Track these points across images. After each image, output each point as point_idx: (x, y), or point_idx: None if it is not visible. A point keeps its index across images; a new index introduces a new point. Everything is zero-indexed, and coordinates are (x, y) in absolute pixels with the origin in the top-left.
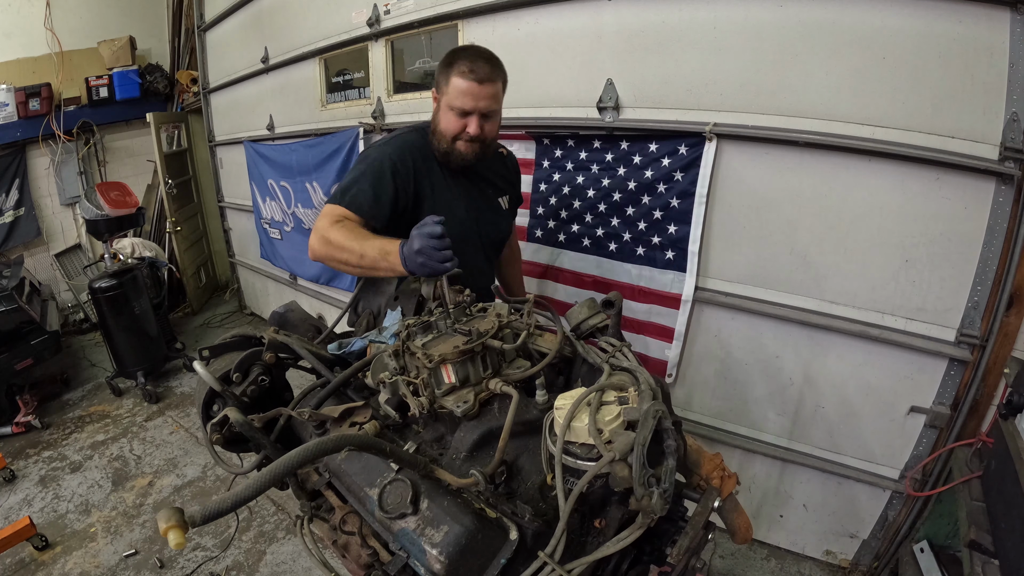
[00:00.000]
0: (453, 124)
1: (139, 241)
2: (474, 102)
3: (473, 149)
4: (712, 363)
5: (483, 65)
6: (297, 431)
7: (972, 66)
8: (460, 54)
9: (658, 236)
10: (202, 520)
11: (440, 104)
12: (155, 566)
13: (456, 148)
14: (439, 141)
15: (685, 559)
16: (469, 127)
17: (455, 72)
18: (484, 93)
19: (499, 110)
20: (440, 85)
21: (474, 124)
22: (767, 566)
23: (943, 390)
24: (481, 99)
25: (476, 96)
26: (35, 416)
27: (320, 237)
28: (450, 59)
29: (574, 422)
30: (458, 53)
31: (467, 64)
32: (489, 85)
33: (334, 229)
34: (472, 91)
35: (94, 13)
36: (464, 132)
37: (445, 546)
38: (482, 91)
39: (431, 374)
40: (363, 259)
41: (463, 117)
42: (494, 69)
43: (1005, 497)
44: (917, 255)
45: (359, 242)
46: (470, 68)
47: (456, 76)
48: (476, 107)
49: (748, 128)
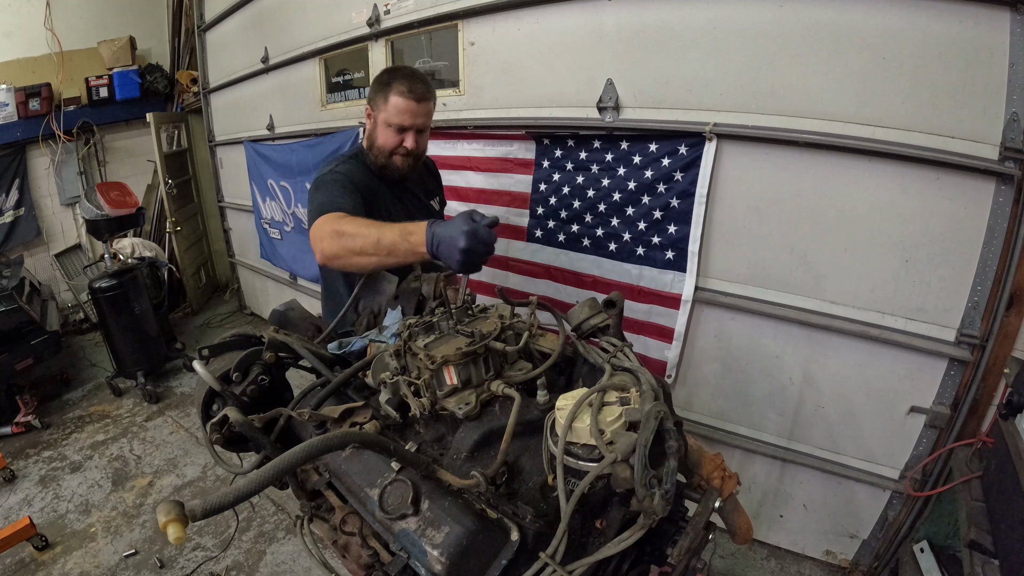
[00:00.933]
0: (391, 139)
1: (139, 241)
2: (412, 119)
3: (407, 163)
4: (712, 363)
5: (419, 85)
6: (297, 431)
7: (972, 66)
8: (396, 74)
9: (658, 236)
10: (203, 514)
11: (376, 120)
12: (155, 566)
13: (392, 162)
14: (376, 156)
15: (686, 559)
16: (406, 142)
17: (394, 91)
18: (421, 111)
19: (429, 125)
20: (377, 103)
21: (411, 139)
22: (767, 566)
23: (943, 390)
24: (419, 116)
25: (414, 113)
26: (35, 416)
27: (331, 231)
28: (387, 79)
29: (576, 423)
30: (394, 73)
31: (405, 84)
32: (424, 103)
33: (343, 221)
34: (411, 109)
35: (94, 13)
36: (401, 147)
37: (446, 547)
38: (419, 109)
39: (433, 375)
40: (380, 242)
41: (400, 133)
42: (428, 89)
43: (1005, 497)
44: (917, 255)
45: (375, 227)
46: (408, 88)
47: (395, 95)
48: (414, 123)
49: (748, 128)
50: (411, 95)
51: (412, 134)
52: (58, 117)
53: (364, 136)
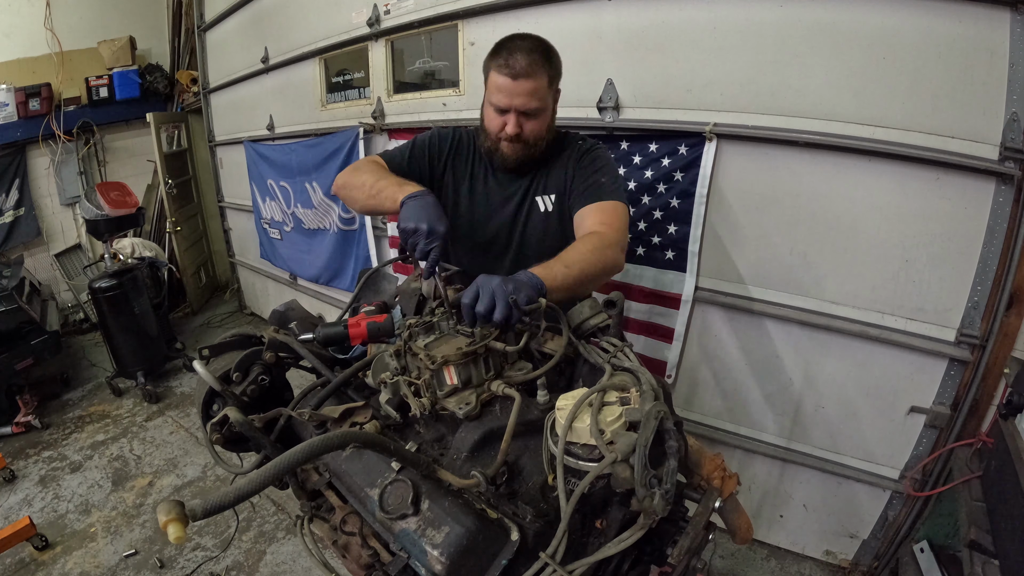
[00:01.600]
0: (493, 121)
1: (139, 241)
2: (508, 99)
3: (515, 151)
4: (712, 363)
5: (520, 58)
6: (297, 431)
7: (972, 66)
8: (502, 45)
9: (658, 236)
10: (203, 513)
11: (484, 98)
12: (155, 566)
13: (500, 148)
14: (484, 139)
15: (686, 559)
16: (508, 126)
17: (493, 65)
18: (519, 89)
19: (544, 108)
20: (485, 77)
21: (512, 122)
22: (767, 566)
23: (943, 390)
24: (516, 96)
25: (510, 93)
26: (35, 416)
27: (351, 168)
28: (494, 49)
29: (576, 423)
30: (502, 43)
31: (504, 57)
32: (525, 81)
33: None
34: (506, 87)
35: (94, 13)
36: (503, 131)
37: (446, 547)
38: (516, 87)
39: (433, 375)
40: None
41: (501, 115)
42: (533, 63)
43: (1005, 497)
44: (917, 255)
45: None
46: (505, 61)
47: (494, 70)
48: (511, 104)
49: (748, 128)
50: (507, 70)
51: (513, 116)
52: (58, 117)
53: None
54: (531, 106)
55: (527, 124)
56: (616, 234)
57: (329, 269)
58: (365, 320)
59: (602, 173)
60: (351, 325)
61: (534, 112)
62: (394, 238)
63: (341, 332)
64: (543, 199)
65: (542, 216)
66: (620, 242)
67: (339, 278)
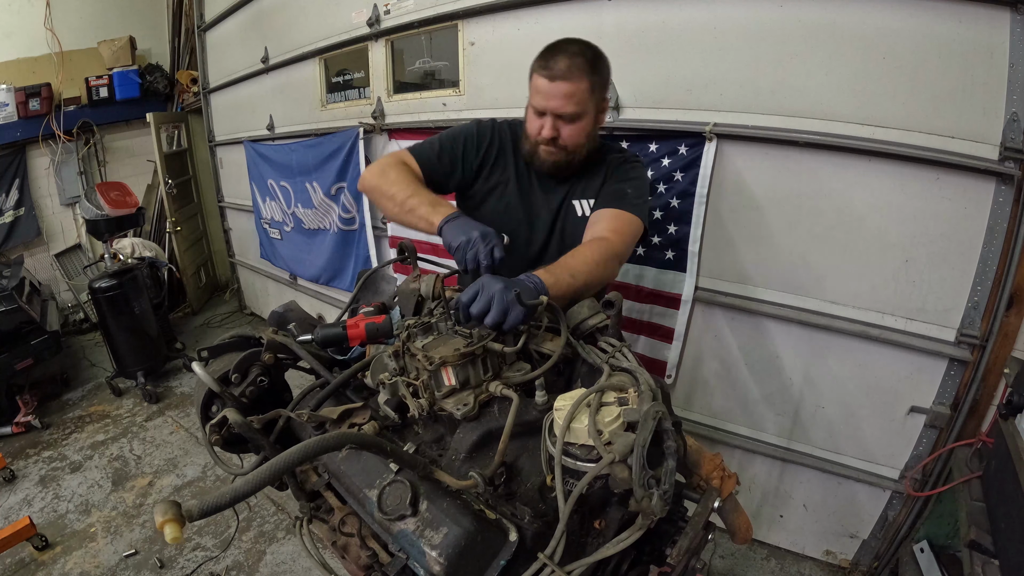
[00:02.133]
0: (532, 124)
1: (139, 241)
2: (544, 101)
3: (553, 156)
4: (712, 363)
5: (561, 60)
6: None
7: (972, 66)
8: (549, 47)
9: (658, 236)
10: (200, 514)
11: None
12: (155, 566)
13: (538, 153)
14: (524, 140)
15: (685, 559)
16: (544, 130)
17: (536, 66)
18: (556, 92)
19: (582, 113)
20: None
21: (547, 126)
22: (767, 566)
23: (943, 390)
24: (552, 98)
25: (547, 95)
26: (35, 416)
27: (380, 168)
28: (541, 51)
29: (574, 423)
30: (549, 46)
31: (545, 58)
32: (563, 83)
33: (395, 167)
34: (543, 88)
35: (94, 13)
36: (540, 135)
37: (444, 548)
38: (553, 89)
39: (431, 376)
40: (406, 202)
41: (540, 117)
42: (573, 67)
43: (1005, 497)
44: (917, 255)
45: (414, 187)
46: (546, 63)
47: (535, 71)
48: (547, 107)
49: (748, 128)
50: (545, 72)
51: (549, 120)
52: (58, 117)
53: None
54: (567, 110)
55: (564, 129)
56: (622, 246)
57: (329, 269)
58: (364, 321)
59: (630, 184)
60: (350, 326)
61: (571, 116)
62: (394, 238)
63: (339, 333)
64: (580, 203)
65: (577, 220)
66: (623, 255)
67: (339, 278)
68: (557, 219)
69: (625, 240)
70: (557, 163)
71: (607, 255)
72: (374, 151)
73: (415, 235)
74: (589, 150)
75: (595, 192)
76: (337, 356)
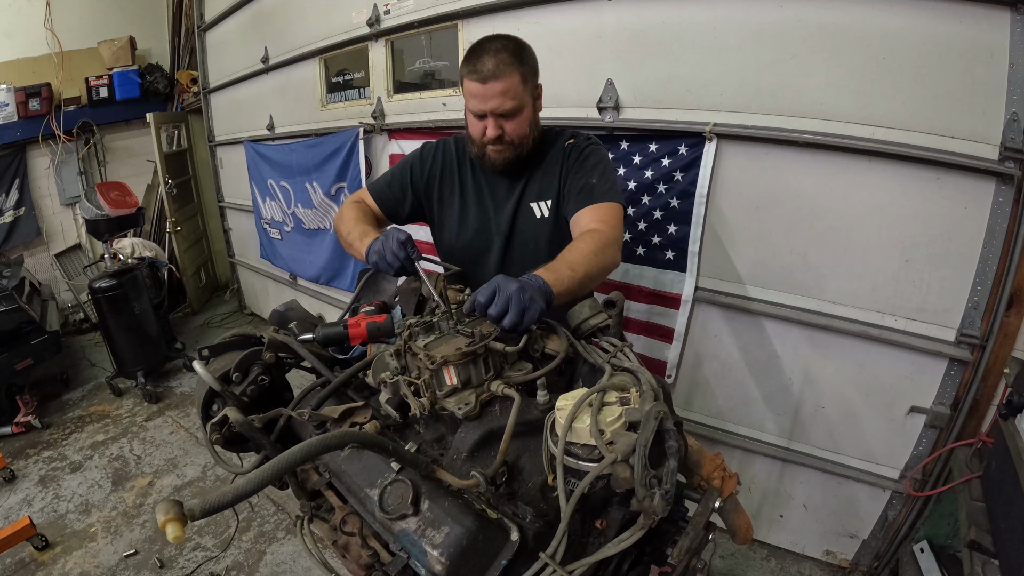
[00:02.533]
0: (474, 127)
1: (139, 241)
2: (481, 104)
3: (502, 154)
4: (712, 363)
5: (487, 60)
6: (297, 431)
7: (972, 66)
8: (471, 50)
9: (658, 236)
10: (201, 513)
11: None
12: (155, 566)
13: (487, 154)
14: (471, 146)
15: (686, 559)
16: (487, 131)
17: (464, 72)
18: (490, 92)
19: (521, 106)
20: (460, 85)
21: (491, 126)
22: (767, 566)
23: (943, 390)
24: (489, 99)
25: (482, 97)
26: (35, 416)
27: (341, 210)
28: (465, 56)
29: (576, 423)
30: (471, 49)
31: (471, 62)
32: (496, 82)
33: (350, 207)
34: (477, 92)
35: (94, 13)
36: (484, 136)
37: (446, 547)
38: (487, 90)
39: (433, 375)
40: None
41: (480, 120)
42: (500, 64)
43: (1005, 497)
44: (917, 255)
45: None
46: (474, 67)
47: (465, 77)
48: (485, 108)
49: (748, 128)
50: (475, 76)
51: (491, 120)
52: (58, 117)
53: None
54: (506, 107)
55: (507, 125)
56: (613, 232)
57: (329, 269)
58: (365, 320)
59: (593, 174)
60: (351, 325)
61: (511, 112)
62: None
63: (341, 332)
64: (538, 205)
65: (536, 222)
66: (617, 240)
67: (339, 278)
68: (515, 221)
69: (613, 225)
70: (507, 159)
71: (601, 243)
72: (374, 151)
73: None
74: (535, 139)
75: (555, 193)
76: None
